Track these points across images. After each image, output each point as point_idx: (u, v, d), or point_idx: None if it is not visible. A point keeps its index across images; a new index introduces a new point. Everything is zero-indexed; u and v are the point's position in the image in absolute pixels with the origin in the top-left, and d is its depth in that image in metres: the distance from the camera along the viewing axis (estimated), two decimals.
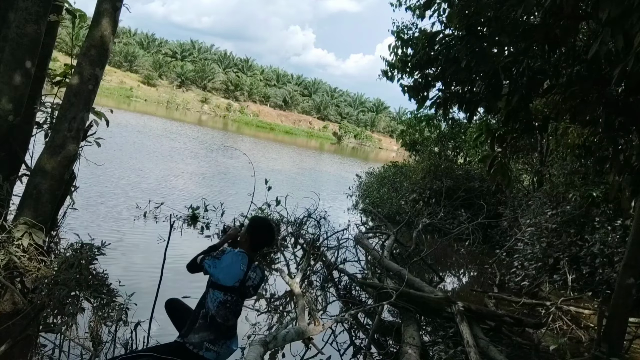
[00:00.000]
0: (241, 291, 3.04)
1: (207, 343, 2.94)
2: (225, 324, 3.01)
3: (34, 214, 3.94)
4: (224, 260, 2.99)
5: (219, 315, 2.96)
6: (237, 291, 3.01)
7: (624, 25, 2.93)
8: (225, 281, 2.96)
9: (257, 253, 3.19)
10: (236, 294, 3.02)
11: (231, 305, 3.00)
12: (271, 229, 3.17)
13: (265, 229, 3.13)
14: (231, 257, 3.01)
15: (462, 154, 14.30)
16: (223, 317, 2.98)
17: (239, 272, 3.00)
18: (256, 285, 3.13)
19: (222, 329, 2.99)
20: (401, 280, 5.86)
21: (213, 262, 2.99)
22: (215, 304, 2.96)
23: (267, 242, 3.20)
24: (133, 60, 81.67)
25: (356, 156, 50.55)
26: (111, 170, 10.83)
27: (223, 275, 2.97)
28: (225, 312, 2.98)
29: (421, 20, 6.97)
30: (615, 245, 6.56)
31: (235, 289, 2.99)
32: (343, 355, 4.34)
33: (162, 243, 6.09)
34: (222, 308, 2.97)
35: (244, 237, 3.12)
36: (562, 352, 4.88)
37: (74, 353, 3.32)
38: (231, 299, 2.99)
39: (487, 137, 5.00)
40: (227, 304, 2.98)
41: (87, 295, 3.69)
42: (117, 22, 4.23)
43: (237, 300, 3.03)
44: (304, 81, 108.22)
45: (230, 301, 2.99)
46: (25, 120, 4.21)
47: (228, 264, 2.98)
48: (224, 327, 3.00)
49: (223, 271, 2.97)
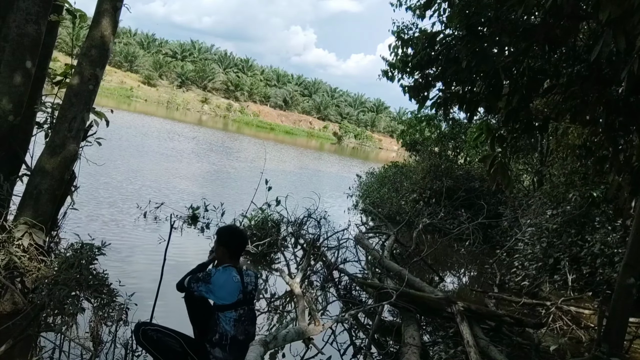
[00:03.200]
0: (247, 299, 3.09)
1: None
2: (247, 339, 3.08)
3: (34, 214, 3.94)
4: (216, 281, 2.99)
5: (240, 333, 3.01)
6: (244, 302, 3.05)
7: (625, 26, 2.93)
8: (229, 299, 2.99)
9: (239, 259, 3.21)
10: (245, 304, 3.06)
11: (246, 318, 3.06)
12: (239, 231, 3.26)
13: (234, 235, 3.18)
14: (222, 275, 3.02)
15: (462, 154, 14.29)
16: (244, 332, 3.04)
17: (236, 284, 3.02)
18: (255, 285, 3.17)
19: (244, 347, 3.04)
20: (401, 280, 5.86)
21: (206, 288, 2.99)
22: (231, 324, 2.99)
23: (241, 244, 3.22)
24: (133, 61, 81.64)
25: (356, 156, 50.53)
26: (111, 170, 10.83)
27: (224, 294, 2.99)
28: (243, 327, 3.04)
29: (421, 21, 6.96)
30: (616, 245, 6.56)
31: (242, 301, 3.03)
32: (343, 355, 4.34)
33: (162, 243, 6.10)
34: (239, 325, 3.01)
35: (220, 252, 3.13)
36: (562, 352, 4.88)
37: (74, 353, 3.32)
38: (243, 311, 3.04)
39: (487, 137, 4.99)
40: (242, 317, 3.03)
41: (88, 295, 3.69)
42: (117, 22, 4.23)
43: (248, 310, 3.09)
44: (304, 81, 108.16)
45: (244, 314, 3.04)
46: (25, 120, 4.21)
47: (222, 283, 2.99)
48: (245, 344, 3.05)
49: (221, 291, 2.98)
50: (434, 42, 4.68)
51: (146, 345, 2.97)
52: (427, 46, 4.69)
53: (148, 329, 2.95)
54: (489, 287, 7.66)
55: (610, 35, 2.96)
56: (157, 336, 2.95)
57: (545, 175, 10.41)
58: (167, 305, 3.84)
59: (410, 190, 12.99)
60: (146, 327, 2.97)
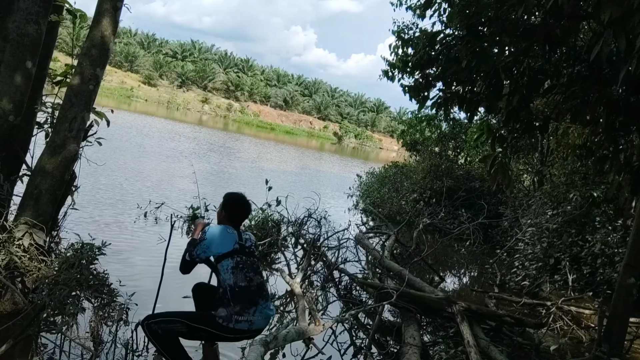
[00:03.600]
0: (245, 252, 3.08)
1: (235, 315, 2.95)
2: (251, 285, 3.02)
3: (34, 214, 3.94)
4: (211, 235, 3.04)
5: (240, 279, 2.98)
6: (241, 251, 3.05)
7: (625, 26, 2.93)
8: (224, 248, 3.01)
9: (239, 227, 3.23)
10: (243, 254, 3.05)
11: (245, 265, 3.03)
12: (243, 199, 3.26)
13: (238, 201, 3.23)
14: (215, 229, 3.08)
15: (462, 154, 14.29)
16: (244, 279, 3.00)
17: (231, 235, 3.06)
18: (255, 244, 3.20)
19: (250, 294, 2.99)
20: (402, 280, 5.86)
21: (202, 245, 3.03)
22: (229, 272, 2.98)
23: (242, 212, 3.25)
24: (134, 61, 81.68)
25: (357, 156, 50.53)
26: (112, 170, 10.83)
27: (218, 245, 3.01)
28: (243, 274, 3.01)
29: (422, 20, 6.97)
30: (616, 245, 6.55)
31: (238, 250, 3.04)
32: (343, 355, 4.34)
33: (162, 243, 6.10)
34: (237, 271, 2.99)
35: (221, 214, 3.21)
36: (562, 352, 4.87)
37: (75, 353, 3.33)
38: (241, 259, 3.02)
39: (487, 137, 4.99)
40: (240, 265, 3.01)
41: (88, 295, 3.69)
42: (117, 22, 4.23)
43: (247, 259, 3.06)
44: (305, 81, 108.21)
45: (242, 262, 3.02)
46: (25, 120, 4.21)
47: (217, 235, 3.04)
48: (250, 291, 3.00)
49: (216, 243, 3.02)
50: (434, 42, 4.67)
51: (152, 340, 2.96)
52: (427, 46, 4.69)
53: (152, 323, 2.92)
54: (489, 287, 7.66)
55: (610, 35, 2.96)
56: (161, 329, 2.91)
57: (546, 175, 10.41)
58: (168, 305, 3.84)
59: (410, 190, 12.99)
60: (149, 322, 2.93)
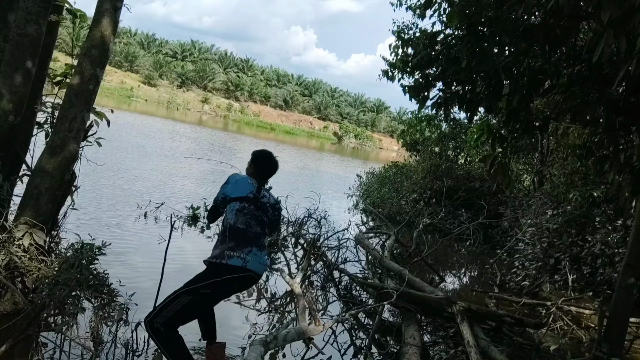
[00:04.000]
0: (257, 204, 3.17)
1: (227, 251, 3.01)
2: (248, 231, 3.09)
3: (34, 214, 3.94)
4: (231, 180, 3.23)
5: (239, 222, 3.07)
6: (253, 201, 3.15)
7: (625, 27, 2.93)
8: (238, 193, 3.14)
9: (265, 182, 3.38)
10: (253, 204, 3.15)
11: (249, 212, 3.12)
12: (272, 156, 3.42)
13: (267, 156, 3.39)
14: (239, 176, 3.28)
15: (462, 154, 14.29)
16: (244, 222, 3.08)
17: (249, 185, 3.21)
18: (273, 204, 3.29)
19: (245, 237, 3.07)
20: (402, 280, 5.86)
21: (223, 189, 3.22)
22: (233, 212, 3.09)
23: (269, 167, 3.38)
24: (133, 61, 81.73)
25: (357, 156, 50.53)
26: (112, 170, 10.83)
27: (234, 189, 3.17)
28: (245, 218, 3.09)
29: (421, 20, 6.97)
30: (616, 245, 6.55)
31: (250, 199, 3.14)
32: (343, 355, 4.34)
33: (162, 243, 6.09)
34: (240, 215, 3.09)
35: (250, 168, 3.37)
36: (562, 352, 4.88)
37: (75, 353, 3.32)
38: (248, 206, 3.12)
39: (488, 137, 5.00)
40: (245, 210, 3.11)
41: (88, 295, 3.69)
42: (117, 22, 4.23)
43: (254, 210, 3.15)
44: (305, 81, 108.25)
45: (248, 208, 3.12)
46: (25, 120, 4.21)
47: (236, 181, 3.22)
48: (247, 235, 3.08)
49: (233, 187, 3.18)
50: (434, 42, 4.67)
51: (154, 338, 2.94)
52: (427, 46, 4.68)
53: (154, 318, 2.89)
54: (489, 287, 7.66)
55: (611, 36, 2.95)
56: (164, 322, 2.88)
57: (546, 175, 10.41)
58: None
59: (410, 190, 12.99)
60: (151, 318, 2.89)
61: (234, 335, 4.23)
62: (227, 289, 3.15)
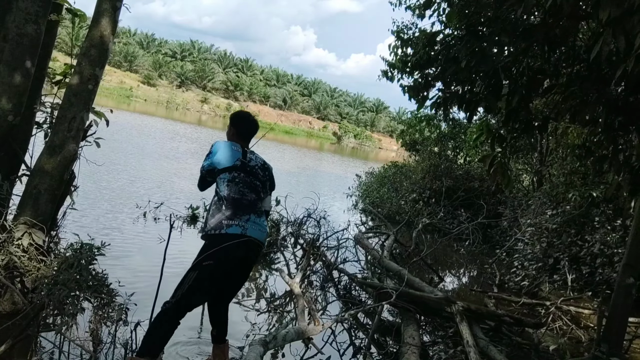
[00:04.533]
0: (247, 170, 3.14)
1: (226, 220, 2.99)
2: (243, 199, 3.07)
3: (34, 214, 3.94)
4: (216, 149, 3.16)
5: (233, 192, 3.05)
6: (241, 169, 3.12)
7: (625, 26, 2.93)
8: (225, 163, 3.09)
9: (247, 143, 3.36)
10: (242, 172, 3.12)
11: (240, 180, 3.10)
12: (249, 116, 3.42)
13: (244, 119, 3.38)
14: (222, 144, 3.19)
15: (462, 154, 14.30)
16: (237, 192, 3.06)
17: (234, 152, 3.15)
18: (262, 165, 3.25)
19: (241, 205, 3.04)
20: (401, 280, 5.86)
21: (209, 160, 3.15)
22: (225, 184, 3.06)
23: (249, 128, 3.36)
24: (133, 60, 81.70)
25: (356, 156, 50.53)
26: (111, 170, 10.82)
27: (220, 158, 3.11)
28: (237, 187, 3.07)
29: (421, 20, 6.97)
30: (615, 245, 6.56)
31: (239, 167, 3.11)
32: (343, 355, 4.34)
33: (162, 243, 6.09)
34: (232, 185, 3.07)
35: (230, 132, 3.34)
36: (561, 352, 4.88)
37: (74, 353, 3.32)
38: (238, 174, 3.10)
39: (487, 137, 5.00)
40: (236, 179, 3.08)
41: (87, 296, 3.69)
42: (117, 22, 4.22)
43: (245, 177, 3.12)
44: (304, 81, 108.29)
45: (239, 177, 3.10)
46: (25, 120, 4.20)
47: (221, 149, 3.15)
48: (242, 203, 3.05)
49: (218, 157, 3.12)
50: (433, 41, 4.68)
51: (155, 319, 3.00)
52: (427, 46, 4.69)
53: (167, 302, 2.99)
54: (488, 287, 7.66)
55: (610, 35, 2.96)
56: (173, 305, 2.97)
57: (545, 175, 10.42)
58: None
59: (409, 190, 12.98)
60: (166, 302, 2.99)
61: (233, 335, 4.22)
62: (230, 257, 3.01)
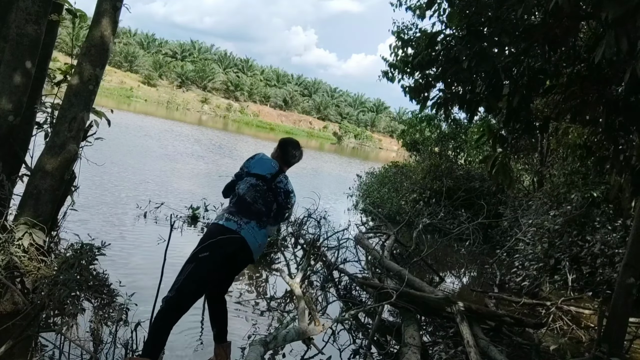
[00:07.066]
0: (270, 186, 3.32)
1: (227, 214, 3.18)
2: (253, 205, 3.25)
3: (34, 214, 3.94)
4: (256, 157, 3.42)
5: (248, 195, 3.25)
6: (267, 182, 3.31)
7: (627, 26, 2.92)
8: (257, 170, 3.33)
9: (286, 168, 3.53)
10: (267, 184, 3.31)
11: (260, 189, 3.29)
12: (296, 144, 3.59)
13: (290, 144, 3.54)
14: (264, 156, 3.45)
15: (462, 154, 14.29)
16: (251, 197, 3.25)
17: (270, 167, 3.38)
18: (285, 190, 3.40)
19: (249, 209, 3.22)
20: (401, 280, 5.85)
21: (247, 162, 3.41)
22: (247, 186, 3.28)
23: (293, 155, 3.54)
24: (133, 61, 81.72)
25: (356, 156, 50.53)
26: (111, 170, 10.82)
27: (257, 166, 3.36)
28: (254, 194, 3.26)
29: (421, 21, 6.97)
30: (616, 245, 6.55)
31: (267, 179, 3.32)
32: (343, 356, 4.33)
33: (162, 243, 6.09)
34: (252, 190, 3.27)
35: (276, 153, 3.53)
36: (562, 352, 4.87)
37: (74, 353, 3.32)
38: (262, 185, 3.29)
39: (488, 137, 5.00)
40: (257, 187, 3.28)
41: (88, 296, 3.69)
42: (117, 22, 4.22)
43: (267, 190, 3.30)
44: (304, 81, 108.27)
45: (261, 186, 3.29)
46: (25, 120, 4.21)
47: (260, 159, 3.41)
48: (250, 208, 3.23)
49: (257, 164, 3.37)
50: (434, 42, 4.67)
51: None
52: (428, 46, 4.68)
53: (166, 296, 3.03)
54: (489, 287, 7.66)
55: (612, 36, 2.95)
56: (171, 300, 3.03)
57: (546, 176, 10.41)
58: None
59: (410, 190, 12.98)
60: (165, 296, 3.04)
61: (233, 335, 4.22)
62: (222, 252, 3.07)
